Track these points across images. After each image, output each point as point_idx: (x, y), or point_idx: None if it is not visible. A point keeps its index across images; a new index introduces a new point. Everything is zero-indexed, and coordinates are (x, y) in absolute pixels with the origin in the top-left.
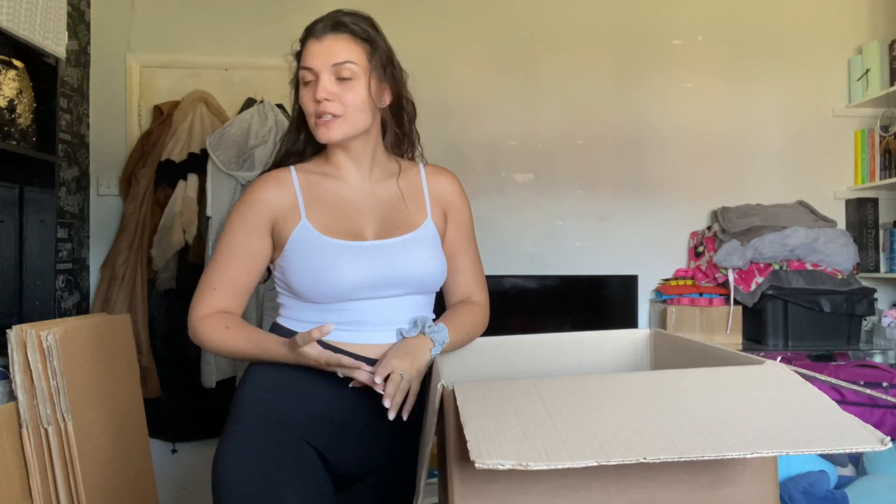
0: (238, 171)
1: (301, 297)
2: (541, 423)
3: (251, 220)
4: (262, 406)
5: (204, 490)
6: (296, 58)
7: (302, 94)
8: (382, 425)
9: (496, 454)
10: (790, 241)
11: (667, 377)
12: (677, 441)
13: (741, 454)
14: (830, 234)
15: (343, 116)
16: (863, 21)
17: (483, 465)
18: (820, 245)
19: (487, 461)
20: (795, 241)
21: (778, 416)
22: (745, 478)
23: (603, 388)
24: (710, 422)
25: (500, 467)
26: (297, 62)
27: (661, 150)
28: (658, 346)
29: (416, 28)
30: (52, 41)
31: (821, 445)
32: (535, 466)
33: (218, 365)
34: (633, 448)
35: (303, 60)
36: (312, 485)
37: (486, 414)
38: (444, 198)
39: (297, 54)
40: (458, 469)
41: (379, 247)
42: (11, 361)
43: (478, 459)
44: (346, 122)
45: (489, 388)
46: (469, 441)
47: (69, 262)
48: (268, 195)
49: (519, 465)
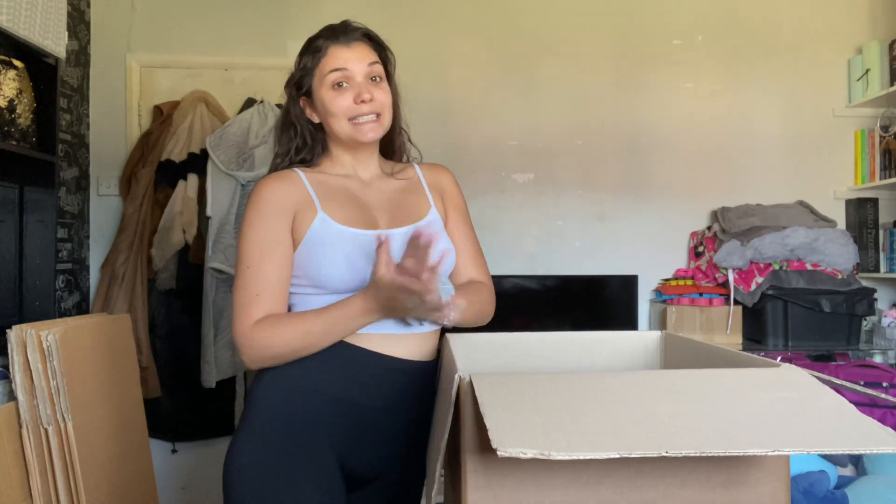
0: (238, 171)
1: (324, 287)
2: (560, 418)
3: (273, 216)
4: (278, 405)
5: (204, 490)
6: (301, 68)
7: (333, 97)
8: (399, 424)
9: (518, 443)
10: (790, 241)
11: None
12: (698, 438)
13: (762, 451)
14: (830, 234)
15: (381, 116)
16: (863, 21)
17: (505, 453)
18: (820, 245)
19: (510, 449)
20: (795, 241)
21: (798, 417)
22: (758, 479)
23: (621, 385)
24: (730, 421)
25: (522, 455)
26: (304, 70)
27: (661, 149)
28: (669, 349)
29: (416, 28)
30: (52, 41)
31: (843, 445)
32: (558, 456)
33: (218, 365)
34: (654, 442)
35: (333, 63)
36: (326, 487)
37: (505, 406)
38: (441, 187)
39: (303, 63)
40: (473, 461)
41: (393, 235)
42: (11, 361)
43: (500, 447)
44: (382, 122)
45: (507, 382)
46: (490, 430)
47: (69, 262)
48: (282, 190)
49: (541, 454)
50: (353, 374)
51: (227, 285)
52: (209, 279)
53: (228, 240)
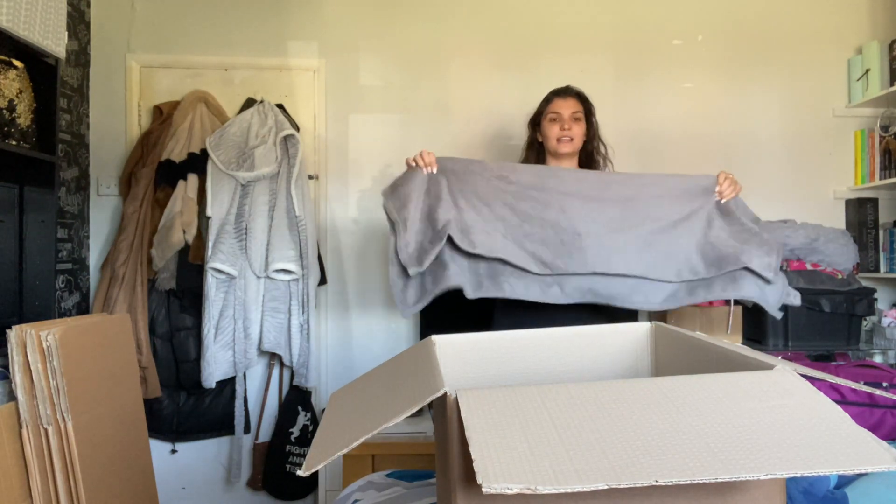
0: (238, 171)
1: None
2: (548, 439)
3: None
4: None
5: (204, 490)
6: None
7: (550, 126)
8: None
9: (503, 476)
10: (790, 241)
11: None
12: (689, 462)
13: (755, 476)
14: (830, 234)
15: (574, 140)
16: (863, 21)
17: (490, 490)
18: (820, 245)
19: (495, 485)
20: (795, 241)
21: (791, 432)
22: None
23: (610, 397)
24: (721, 438)
25: (507, 492)
26: (542, 108)
27: (661, 149)
28: (659, 342)
29: (416, 28)
30: (52, 41)
31: (836, 466)
32: (544, 490)
33: (218, 365)
34: (644, 469)
35: (552, 108)
36: None
37: (491, 427)
38: None
39: (542, 104)
40: (463, 490)
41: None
42: (11, 361)
43: (485, 483)
44: (574, 143)
45: (493, 398)
46: (475, 461)
47: (69, 262)
48: None
49: (527, 488)
50: None
51: (226, 285)
52: (209, 279)
53: (228, 240)
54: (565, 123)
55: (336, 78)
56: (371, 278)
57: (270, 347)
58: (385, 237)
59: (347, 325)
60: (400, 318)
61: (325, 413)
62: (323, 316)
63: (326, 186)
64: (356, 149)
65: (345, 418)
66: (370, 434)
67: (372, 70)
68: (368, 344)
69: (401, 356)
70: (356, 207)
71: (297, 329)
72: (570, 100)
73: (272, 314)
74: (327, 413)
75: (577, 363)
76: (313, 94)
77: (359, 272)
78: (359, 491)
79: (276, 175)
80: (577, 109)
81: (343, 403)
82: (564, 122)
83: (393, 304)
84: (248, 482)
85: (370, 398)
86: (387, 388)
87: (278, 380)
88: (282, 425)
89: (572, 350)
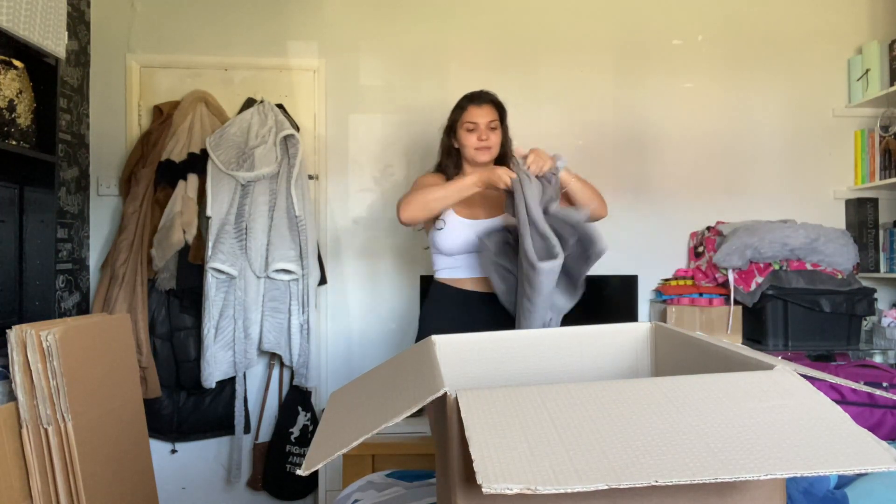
0: (238, 171)
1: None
2: (548, 439)
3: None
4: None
5: (204, 490)
6: (455, 113)
7: (467, 136)
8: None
9: (503, 476)
10: (790, 241)
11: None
12: (689, 462)
13: (755, 476)
14: (830, 234)
15: (492, 149)
16: (863, 21)
17: (490, 490)
18: (820, 245)
19: (495, 485)
20: (795, 242)
21: (791, 432)
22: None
23: (610, 397)
24: (721, 438)
25: (507, 492)
26: (456, 116)
27: (661, 150)
28: (659, 342)
29: (416, 28)
30: (52, 41)
31: (836, 466)
32: (544, 490)
33: (218, 365)
34: (644, 469)
35: (467, 116)
36: None
37: (491, 427)
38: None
39: (456, 111)
40: (463, 490)
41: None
42: (11, 361)
43: (485, 483)
44: (492, 152)
45: (493, 398)
46: (475, 461)
47: (69, 262)
48: (435, 179)
49: (527, 488)
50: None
51: (226, 285)
52: (209, 279)
53: (229, 240)
54: (482, 133)
55: (336, 78)
56: (371, 278)
57: (270, 347)
58: (384, 237)
59: (347, 325)
60: (400, 317)
61: (325, 413)
62: (323, 316)
63: (326, 186)
64: (356, 149)
65: (345, 418)
66: (370, 434)
67: (372, 70)
68: (368, 344)
69: (401, 356)
70: (356, 207)
71: (297, 329)
72: (485, 107)
73: (272, 314)
74: (327, 413)
75: (577, 363)
76: (313, 94)
77: (359, 272)
78: (359, 491)
79: (276, 175)
80: (493, 118)
81: (343, 403)
82: (482, 133)
83: (393, 303)
84: (248, 482)
85: (370, 398)
86: (387, 388)
87: (278, 380)
88: (282, 425)
89: (572, 350)
